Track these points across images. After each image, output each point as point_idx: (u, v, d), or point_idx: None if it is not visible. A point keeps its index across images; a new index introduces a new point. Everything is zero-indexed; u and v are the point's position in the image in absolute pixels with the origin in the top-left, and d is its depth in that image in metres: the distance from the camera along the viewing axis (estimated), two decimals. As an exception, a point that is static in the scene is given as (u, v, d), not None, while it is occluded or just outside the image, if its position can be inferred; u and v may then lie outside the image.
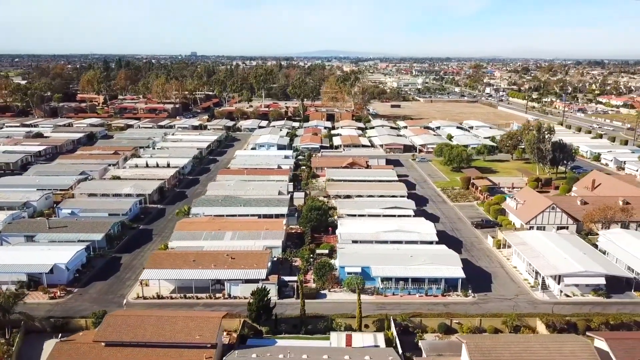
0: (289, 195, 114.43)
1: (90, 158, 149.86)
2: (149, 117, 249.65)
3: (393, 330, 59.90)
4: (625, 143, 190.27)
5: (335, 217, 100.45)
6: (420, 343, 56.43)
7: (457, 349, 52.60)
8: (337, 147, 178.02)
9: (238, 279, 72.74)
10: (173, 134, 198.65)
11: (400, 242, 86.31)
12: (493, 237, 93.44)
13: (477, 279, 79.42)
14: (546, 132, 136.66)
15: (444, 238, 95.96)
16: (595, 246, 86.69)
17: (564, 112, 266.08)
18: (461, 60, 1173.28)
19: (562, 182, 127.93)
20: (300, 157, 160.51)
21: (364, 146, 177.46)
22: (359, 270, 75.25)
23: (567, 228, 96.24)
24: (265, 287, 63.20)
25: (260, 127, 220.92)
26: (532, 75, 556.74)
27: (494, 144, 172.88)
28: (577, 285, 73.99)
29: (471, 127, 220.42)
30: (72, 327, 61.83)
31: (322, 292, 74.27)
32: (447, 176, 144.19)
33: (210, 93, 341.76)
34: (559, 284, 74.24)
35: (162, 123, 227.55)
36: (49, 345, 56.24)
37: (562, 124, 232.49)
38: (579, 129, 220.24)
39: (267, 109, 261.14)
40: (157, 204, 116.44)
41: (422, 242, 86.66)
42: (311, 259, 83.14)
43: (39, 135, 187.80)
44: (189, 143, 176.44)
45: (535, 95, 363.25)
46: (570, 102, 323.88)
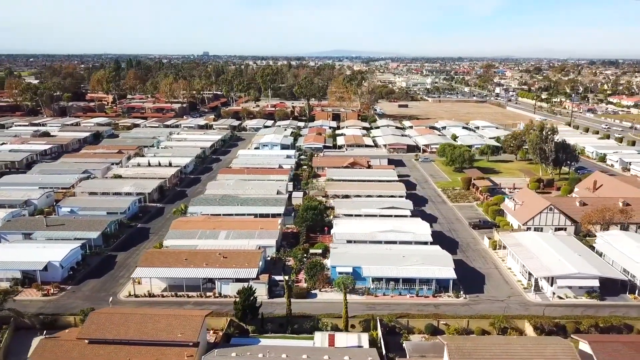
0: (288, 195, 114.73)
1: (94, 157, 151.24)
2: (156, 116, 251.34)
3: (379, 330, 59.70)
4: (633, 144, 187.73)
5: (331, 217, 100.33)
6: (404, 344, 56.17)
7: (441, 350, 52.29)
8: (340, 147, 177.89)
9: (229, 278, 72.98)
10: (178, 134, 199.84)
11: (394, 243, 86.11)
12: (489, 238, 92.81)
13: (470, 280, 78.91)
14: (549, 133, 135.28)
15: (441, 239, 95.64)
16: (593, 248, 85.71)
17: (572, 113, 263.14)
18: (473, 60, 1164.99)
19: (564, 183, 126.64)
20: (302, 157, 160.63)
21: (367, 146, 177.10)
22: (350, 270, 75.09)
23: (565, 229, 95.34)
24: (251, 286, 63.38)
25: (266, 127, 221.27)
26: (544, 75, 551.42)
27: (498, 145, 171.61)
28: (570, 287, 73.21)
29: (477, 127, 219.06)
30: (61, 324, 62.53)
31: (313, 291, 74.28)
32: (449, 176, 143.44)
33: (219, 93, 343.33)
34: (551, 285, 73.56)
35: (168, 122, 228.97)
36: (37, 342, 56.73)
37: (569, 125, 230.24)
38: (587, 130, 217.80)
39: (273, 109, 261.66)
40: (157, 202, 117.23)
41: (417, 243, 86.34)
42: (304, 259, 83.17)
43: (46, 135, 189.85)
44: (192, 142, 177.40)
45: (544, 95, 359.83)
46: (579, 102, 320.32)
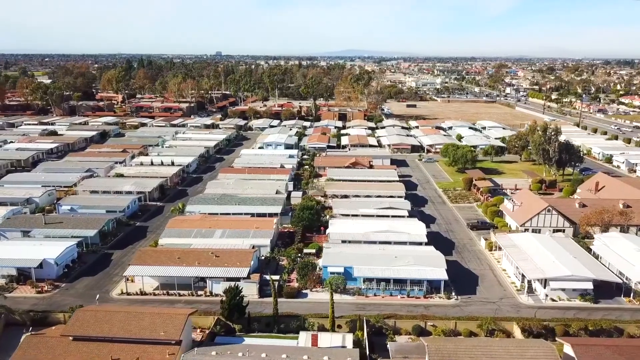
0: (287, 194, 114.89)
1: (99, 156, 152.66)
2: (163, 115, 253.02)
3: (364, 331, 59.51)
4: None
5: (327, 216, 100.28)
6: (388, 345, 55.95)
7: (424, 351, 51.97)
8: (344, 147, 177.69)
9: (220, 277, 73.22)
10: (184, 133, 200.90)
11: (389, 243, 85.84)
12: (486, 239, 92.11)
13: (464, 281, 78.38)
14: (553, 133, 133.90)
15: (437, 239, 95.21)
16: (590, 250, 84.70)
17: (581, 113, 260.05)
18: (487, 60, 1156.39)
19: (567, 184, 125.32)
20: (305, 157, 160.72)
21: (371, 146, 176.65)
22: (341, 270, 74.95)
23: (563, 231, 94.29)
24: (237, 285, 63.54)
25: (272, 127, 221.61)
26: (556, 75, 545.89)
27: (503, 145, 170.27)
28: (563, 290, 72.38)
29: (483, 128, 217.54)
30: (51, 320, 63.17)
31: (304, 291, 74.30)
32: (451, 177, 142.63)
33: (227, 93, 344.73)
34: (544, 287, 72.84)
35: (175, 122, 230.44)
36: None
37: (578, 125, 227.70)
38: (595, 130, 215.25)
39: (280, 109, 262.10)
40: (157, 201, 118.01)
41: (412, 243, 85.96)
42: (298, 259, 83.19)
43: (53, 133, 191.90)
44: (197, 142, 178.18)
45: (555, 95, 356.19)
46: (590, 102, 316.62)
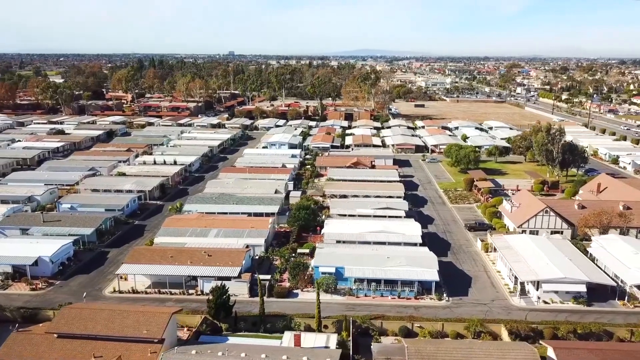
0: (286, 194, 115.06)
1: (104, 155, 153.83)
2: (171, 115, 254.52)
3: (350, 331, 59.33)
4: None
5: (324, 216, 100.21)
6: (372, 346, 55.74)
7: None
8: (348, 147, 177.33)
9: (211, 276, 73.45)
10: (189, 132, 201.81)
11: (383, 243, 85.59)
12: (482, 241, 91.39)
13: (457, 282, 77.90)
14: (556, 134, 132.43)
15: (434, 240, 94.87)
16: (587, 252, 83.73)
17: (590, 113, 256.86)
18: (500, 60, 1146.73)
19: (570, 185, 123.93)
20: (307, 157, 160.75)
21: (375, 146, 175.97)
22: (332, 270, 74.80)
23: (561, 233, 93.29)
24: (224, 284, 63.70)
25: (277, 126, 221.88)
26: (568, 75, 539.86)
27: (508, 145, 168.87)
28: (556, 292, 71.60)
29: (490, 128, 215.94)
30: (41, 317, 63.81)
31: (295, 291, 74.31)
32: (453, 177, 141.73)
33: (236, 92, 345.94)
34: (537, 290, 72.11)
35: (181, 121, 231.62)
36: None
37: (586, 126, 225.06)
38: (603, 131, 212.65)
39: (286, 108, 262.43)
40: (158, 200, 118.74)
41: (406, 244, 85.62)
42: (292, 258, 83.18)
43: (60, 132, 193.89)
44: (201, 141, 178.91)
45: (565, 95, 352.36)
46: (600, 102, 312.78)
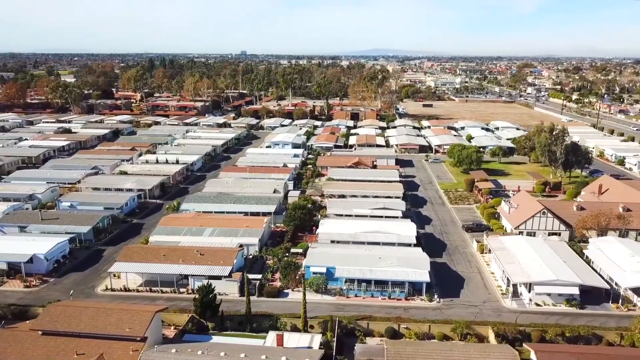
0: (285, 194, 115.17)
1: (108, 153, 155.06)
2: (178, 114, 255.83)
3: (335, 332, 59.17)
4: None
5: (319, 216, 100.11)
6: (355, 347, 55.54)
7: (388, 354, 51.40)
8: (351, 147, 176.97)
9: (202, 275, 73.64)
10: (194, 132, 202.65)
11: (377, 244, 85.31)
12: (478, 242, 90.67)
13: (449, 283, 77.42)
14: (559, 135, 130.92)
15: (430, 241, 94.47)
16: (583, 254, 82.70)
17: (599, 113, 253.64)
18: (513, 60, 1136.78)
19: (572, 186, 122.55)
20: (310, 156, 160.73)
21: (378, 146, 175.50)
22: (323, 270, 74.68)
23: (559, 234, 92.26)
24: (210, 283, 63.81)
25: (283, 126, 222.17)
26: (580, 74, 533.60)
27: (513, 146, 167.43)
28: (549, 295, 70.79)
29: (497, 128, 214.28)
30: (31, 314, 64.32)
31: (285, 291, 74.26)
32: (456, 178, 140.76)
33: (244, 92, 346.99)
34: (529, 292, 71.37)
35: (187, 120, 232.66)
36: (3, 332, 58.69)
37: (594, 126, 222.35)
38: (612, 131, 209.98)
39: (292, 108, 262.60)
40: (157, 199, 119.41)
41: (400, 244, 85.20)
42: (285, 258, 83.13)
43: (67, 131, 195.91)
44: (205, 140, 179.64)
45: (576, 95, 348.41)
46: (612, 102, 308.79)
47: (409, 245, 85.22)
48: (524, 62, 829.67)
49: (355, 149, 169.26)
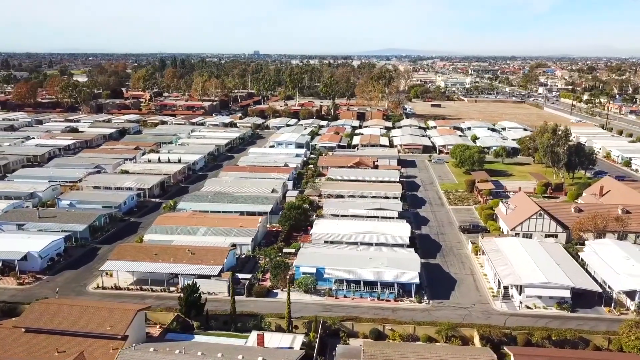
0: (283, 193, 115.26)
1: (111, 152, 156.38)
2: (185, 114, 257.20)
3: (318, 332, 58.99)
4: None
5: (314, 216, 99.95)
6: (336, 348, 55.31)
7: (368, 355, 51.08)
8: (355, 147, 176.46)
9: (192, 274, 73.80)
10: (200, 131, 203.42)
11: (370, 244, 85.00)
12: (473, 243, 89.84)
13: (441, 285, 76.83)
14: (562, 135, 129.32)
15: (425, 242, 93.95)
16: (578, 257, 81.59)
17: (609, 114, 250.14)
18: (527, 59, 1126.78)
19: (574, 187, 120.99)
20: (312, 156, 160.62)
21: (382, 146, 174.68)
22: (313, 270, 74.59)
23: (556, 236, 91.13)
24: (195, 282, 63.97)
25: (288, 125, 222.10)
26: (593, 75, 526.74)
27: (517, 146, 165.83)
28: (540, 297, 69.92)
29: (503, 128, 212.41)
30: (20, 312, 64.56)
31: (275, 291, 74.19)
32: (457, 178, 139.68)
33: (253, 91, 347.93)
34: (520, 294, 70.56)
35: (194, 120, 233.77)
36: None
37: (603, 127, 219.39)
38: (620, 132, 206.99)
39: (299, 108, 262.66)
40: (157, 198, 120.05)
41: (393, 245, 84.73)
42: (278, 257, 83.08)
43: (74, 130, 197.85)
44: (209, 140, 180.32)
45: (586, 96, 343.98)
46: (623, 103, 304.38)
47: (402, 246, 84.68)
48: (537, 62, 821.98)
49: (358, 149, 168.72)
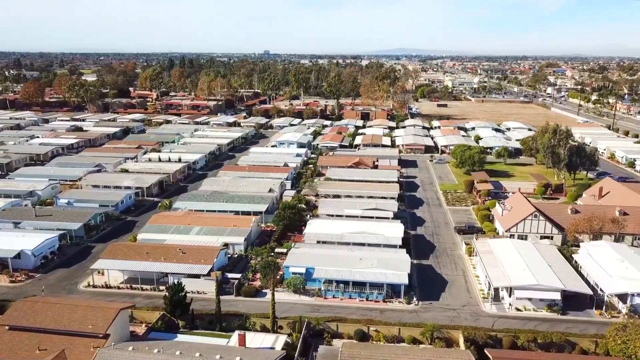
0: (282, 193, 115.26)
1: (113, 151, 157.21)
2: (190, 113, 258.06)
3: (302, 333, 58.79)
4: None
5: (308, 216, 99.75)
6: (318, 349, 55.10)
7: (349, 356, 50.80)
8: (356, 146, 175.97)
9: (181, 273, 73.98)
10: (203, 131, 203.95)
11: (363, 245, 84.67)
12: (467, 244, 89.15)
13: (432, 286, 76.34)
14: (563, 136, 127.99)
15: (419, 242, 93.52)
16: (572, 259, 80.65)
17: (615, 114, 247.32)
18: (538, 59, 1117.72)
19: (574, 188, 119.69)
20: (313, 156, 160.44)
21: (384, 146, 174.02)
22: (302, 270, 74.41)
23: (551, 238, 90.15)
24: (180, 281, 64.03)
25: (292, 125, 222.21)
26: (603, 74, 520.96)
27: (519, 147, 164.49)
28: (530, 299, 69.22)
29: (508, 129, 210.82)
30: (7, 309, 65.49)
31: (264, 290, 74.10)
32: (457, 179, 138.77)
33: (259, 91, 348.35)
34: (510, 296, 69.89)
35: (198, 119, 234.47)
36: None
37: (610, 127, 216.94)
38: (627, 133, 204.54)
39: (303, 107, 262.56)
40: (156, 197, 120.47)
41: (385, 246, 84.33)
42: (270, 257, 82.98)
43: (79, 129, 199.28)
44: (211, 139, 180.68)
45: (595, 96, 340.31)
46: (632, 103, 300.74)
47: (395, 246, 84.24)
48: (548, 62, 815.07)
49: (359, 149, 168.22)
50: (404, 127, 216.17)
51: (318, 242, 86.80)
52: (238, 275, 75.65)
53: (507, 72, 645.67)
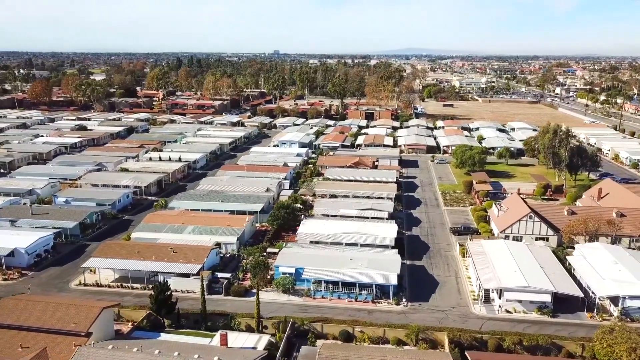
0: (279, 192, 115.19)
1: (115, 150, 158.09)
2: (195, 112, 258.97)
3: (286, 333, 58.64)
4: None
5: (302, 216, 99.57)
6: (300, 349, 54.92)
7: (329, 357, 50.56)
8: (358, 146, 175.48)
9: (171, 272, 74.15)
10: (206, 130, 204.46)
11: (355, 245, 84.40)
12: (461, 245, 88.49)
13: (422, 287, 75.84)
14: (563, 136, 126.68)
15: (414, 243, 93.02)
16: (566, 261, 79.74)
17: (622, 115, 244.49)
18: (549, 59, 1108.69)
19: (574, 189, 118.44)
20: (313, 155, 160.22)
21: (385, 146, 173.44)
22: (292, 270, 74.28)
23: (547, 239, 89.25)
24: (166, 281, 64.15)
25: (295, 125, 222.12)
26: (613, 74, 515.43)
27: (521, 147, 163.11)
28: (520, 301, 68.54)
29: (513, 129, 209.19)
30: None
31: (253, 290, 73.91)
32: (458, 179, 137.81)
33: (264, 91, 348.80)
34: (500, 298, 69.23)
35: (203, 119, 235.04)
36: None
37: (616, 128, 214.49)
38: (633, 134, 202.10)
39: (307, 107, 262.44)
40: (154, 196, 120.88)
41: (378, 246, 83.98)
42: (262, 257, 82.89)
43: (83, 128, 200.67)
44: (214, 139, 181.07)
45: (603, 96, 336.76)
46: (639, 103, 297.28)
47: (387, 247, 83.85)
48: (558, 62, 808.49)
49: (361, 149, 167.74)
50: (407, 127, 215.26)
51: (311, 242, 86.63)
52: (228, 275, 75.65)
53: (517, 72, 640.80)
